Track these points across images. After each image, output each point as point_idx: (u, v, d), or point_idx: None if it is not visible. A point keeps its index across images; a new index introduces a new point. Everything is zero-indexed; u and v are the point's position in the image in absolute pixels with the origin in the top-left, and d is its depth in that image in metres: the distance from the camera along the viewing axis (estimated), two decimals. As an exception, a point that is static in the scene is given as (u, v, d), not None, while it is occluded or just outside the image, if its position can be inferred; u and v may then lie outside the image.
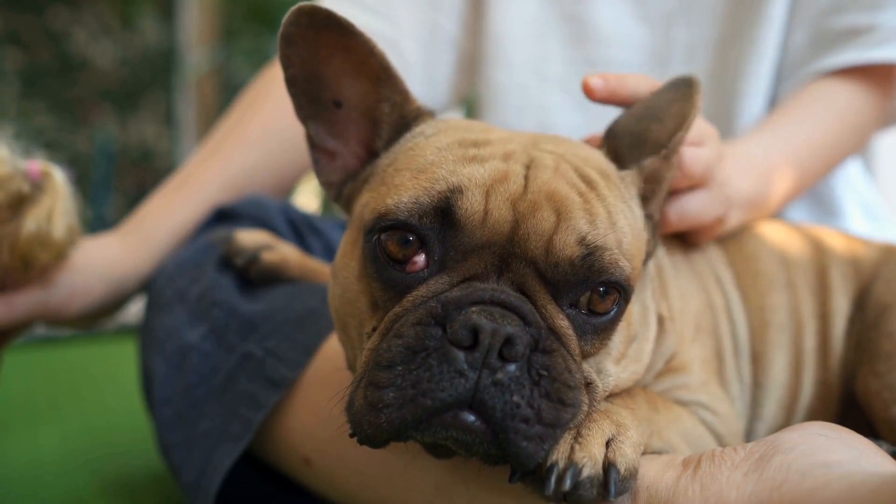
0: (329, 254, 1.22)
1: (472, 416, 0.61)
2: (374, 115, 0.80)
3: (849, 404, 0.95)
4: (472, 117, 1.52)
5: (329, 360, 0.91)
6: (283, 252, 1.08)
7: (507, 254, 0.66)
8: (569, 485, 0.62)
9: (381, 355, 0.64)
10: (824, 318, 0.98)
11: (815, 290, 1.00)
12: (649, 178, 0.80)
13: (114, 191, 5.16)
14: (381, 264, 0.68)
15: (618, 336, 0.72)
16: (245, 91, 1.40)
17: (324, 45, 0.76)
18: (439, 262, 0.67)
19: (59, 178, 1.10)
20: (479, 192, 0.67)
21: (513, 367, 0.62)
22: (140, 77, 5.46)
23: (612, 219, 0.70)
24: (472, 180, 0.67)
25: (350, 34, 0.75)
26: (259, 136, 1.32)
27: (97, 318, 1.24)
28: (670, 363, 0.85)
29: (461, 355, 0.61)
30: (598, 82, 0.87)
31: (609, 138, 0.82)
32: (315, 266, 1.10)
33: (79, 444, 1.47)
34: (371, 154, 0.81)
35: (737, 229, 1.03)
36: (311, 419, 0.91)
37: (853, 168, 1.43)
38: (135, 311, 1.35)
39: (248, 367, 0.97)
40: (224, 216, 1.23)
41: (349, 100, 0.80)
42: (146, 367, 1.09)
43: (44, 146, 1.17)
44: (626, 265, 0.68)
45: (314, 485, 0.94)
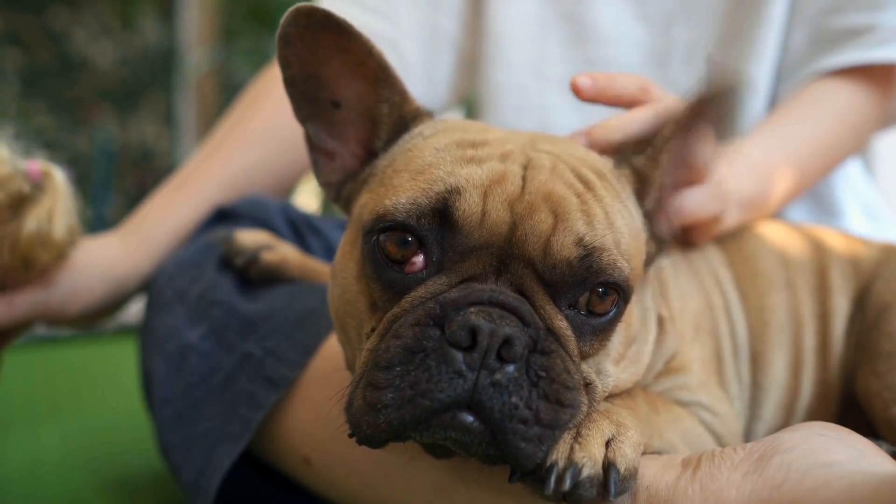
0: (329, 254, 1.22)
1: (470, 417, 0.61)
2: (372, 115, 0.80)
3: (849, 404, 0.95)
4: (472, 117, 1.52)
5: (329, 360, 0.91)
6: (283, 252, 1.09)
7: (506, 255, 0.66)
8: (568, 485, 0.62)
9: (380, 356, 0.64)
10: (824, 317, 0.98)
11: (814, 289, 1.00)
12: (638, 177, 0.80)
13: (114, 191, 5.16)
14: (379, 265, 0.68)
15: (617, 337, 0.72)
16: (245, 91, 1.40)
17: (322, 45, 0.76)
18: (438, 262, 0.67)
19: (59, 178, 1.10)
20: (477, 194, 0.67)
21: (511, 368, 0.62)
22: (140, 77, 5.47)
23: (609, 219, 0.70)
24: (469, 181, 0.67)
25: (348, 35, 0.74)
26: (259, 136, 1.32)
27: (97, 317, 1.24)
28: (670, 363, 0.85)
29: (459, 356, 0.61)
30: (586, 81, 0.87)
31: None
32: (315, 266, 1.10)
33: (79, 444, 1.47)
34: (370, 154, 0.81)
35: (736, 229, 1.03)
36: (310, 419, 0.91)
37: (853, 168, 1.42)
38: (135, 311, 1.35)
39: (248, 367, 0.97)
40: (224, 216, 1.23)
41: (348, 100, 0.80)
42: (146, 366, 1.09)
43: (44, 146, 1.17)
44: (624, 266, 0.68)
45: (314, 485, 0.94)
